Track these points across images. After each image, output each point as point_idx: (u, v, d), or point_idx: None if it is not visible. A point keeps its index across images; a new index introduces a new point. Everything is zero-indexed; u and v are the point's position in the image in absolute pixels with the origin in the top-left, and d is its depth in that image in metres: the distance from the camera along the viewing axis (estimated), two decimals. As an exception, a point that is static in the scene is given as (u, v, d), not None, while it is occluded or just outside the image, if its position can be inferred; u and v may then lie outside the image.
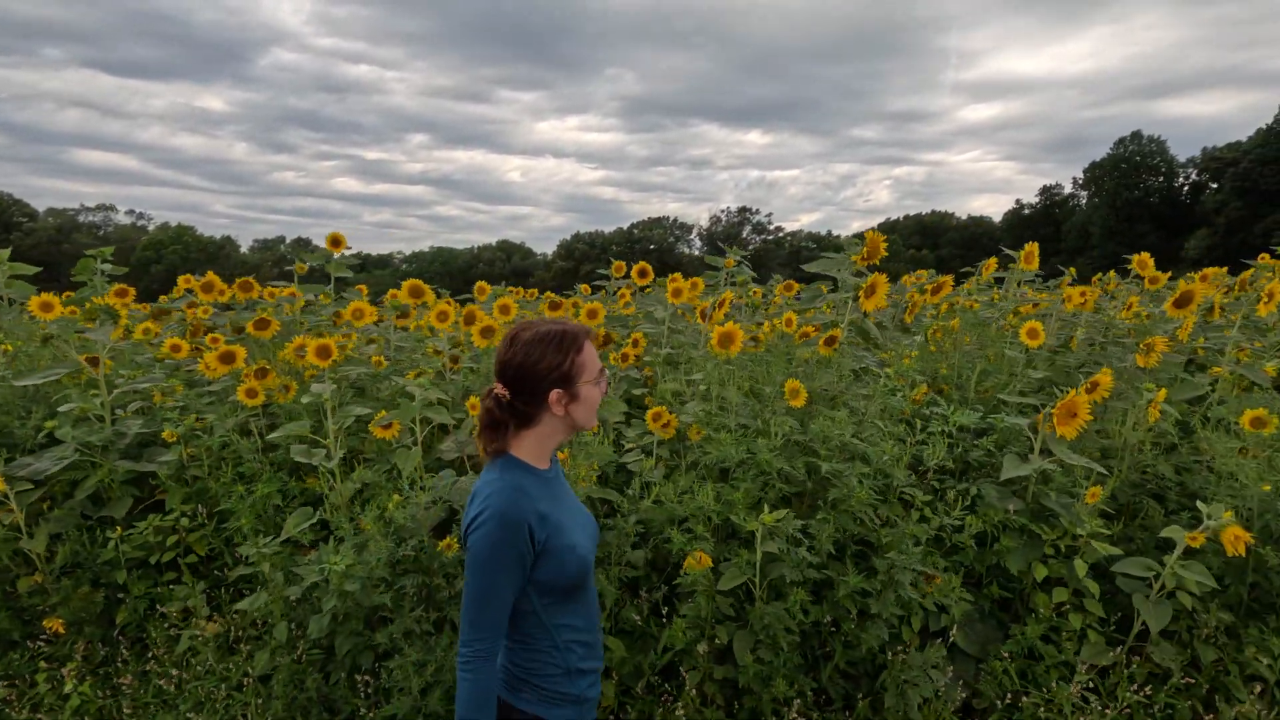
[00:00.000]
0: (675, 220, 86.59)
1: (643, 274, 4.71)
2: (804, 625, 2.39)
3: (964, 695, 2.43)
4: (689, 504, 2.40)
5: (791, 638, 2.29)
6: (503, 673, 1.52)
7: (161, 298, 5.36)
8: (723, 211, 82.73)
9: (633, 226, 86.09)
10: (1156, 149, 64.30)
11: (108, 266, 5.13)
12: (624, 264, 5.15)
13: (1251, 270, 4.33)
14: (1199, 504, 2.31)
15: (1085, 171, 68.99)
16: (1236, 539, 2.18)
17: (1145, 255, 4.38)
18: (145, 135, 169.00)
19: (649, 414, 2.82)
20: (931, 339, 3.74)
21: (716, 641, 2.37)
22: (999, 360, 3.53)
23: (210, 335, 3.87)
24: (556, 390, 1.45)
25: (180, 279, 5.10)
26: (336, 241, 4.71)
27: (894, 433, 2.62)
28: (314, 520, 2.73)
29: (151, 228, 70.86)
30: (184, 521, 2.97)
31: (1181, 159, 63.03)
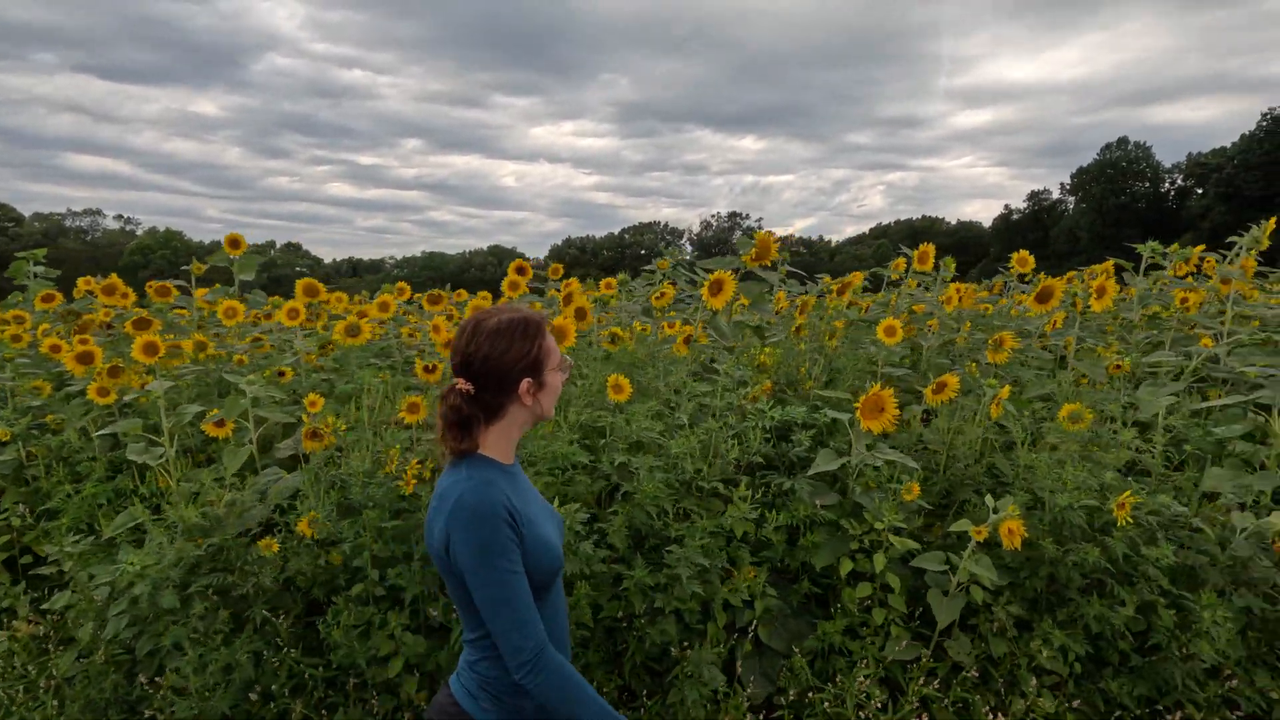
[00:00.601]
0: (666, 225, 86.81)
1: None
2: (605, 621, 2.37)
3: (768, 692, 2.42)
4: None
5: (582, 633, 2.28)
6: (462, 680, 1.45)
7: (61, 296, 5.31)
8: (713, 216, 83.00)
9: (624, 231, 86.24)
10: (1142, 155, 64.76)
11: (40, 269, 5.12)
12: (560, 266, 5.15)
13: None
14: (988, 498, 2.31)
15: (1073, 177, 69.45)
16: (1011, 532, 2.17)
17: (1024, 252, 4.40)
18: (139, 140, 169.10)
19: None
20: (793, 337, 3.74)
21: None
22: (860, 358, 3.54)
23: (80, 336, 3.85)
24: (527, 379, 1.42)
25: (80, 281, 5.07)
26: (235, 243, 4.68)
27: (709, 427, 2.61)
28: (137, 521, 2.70)
29: (140, 232, 70.68)
30: (15, 521, 2.95)
31: (1168, 165, 63.54)
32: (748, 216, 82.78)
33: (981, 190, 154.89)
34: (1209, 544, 2.38)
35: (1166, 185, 63.83)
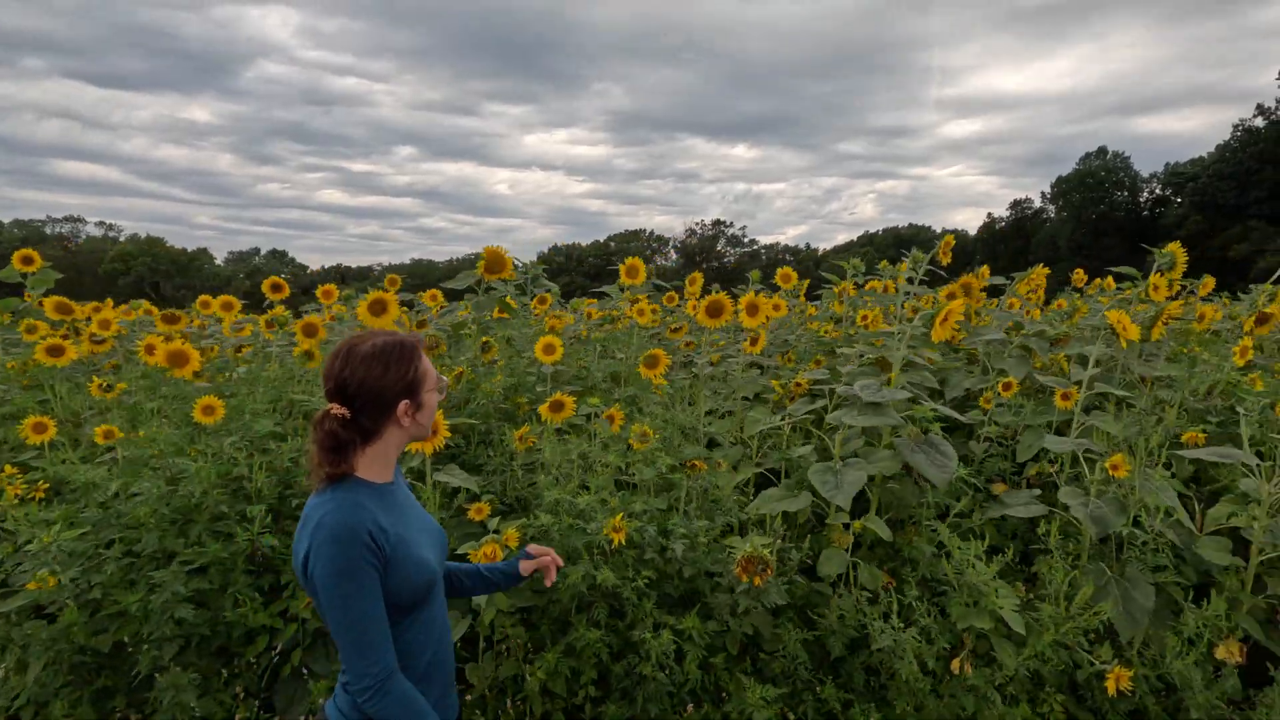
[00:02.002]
0: (652, 233, 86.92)
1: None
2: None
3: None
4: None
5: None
6: (337, 702, 1.43)
7: None
8: (698, 224, 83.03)
9: (610, 239, 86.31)
10: (1121, 164, 65.18)
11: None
12: (333, 287, 5.22)
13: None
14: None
15: (1053, 186, 69.84)
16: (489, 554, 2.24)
17: (788, 270, 4.52)
18: (128, 147, 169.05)
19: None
20: (482, 355, 3.82)
21: None
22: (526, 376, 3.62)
23: None
24: (405, 401, 1.44)
25: None
26: (28, 259, 4.73)
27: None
28: None
29: (123, 239, 70.61)
30: None
31: (1146, 174, 63.94)
32: (732, 225, 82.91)
33: (971, 199, 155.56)
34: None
35: (1145, 195, 64.23)
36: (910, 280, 2.97)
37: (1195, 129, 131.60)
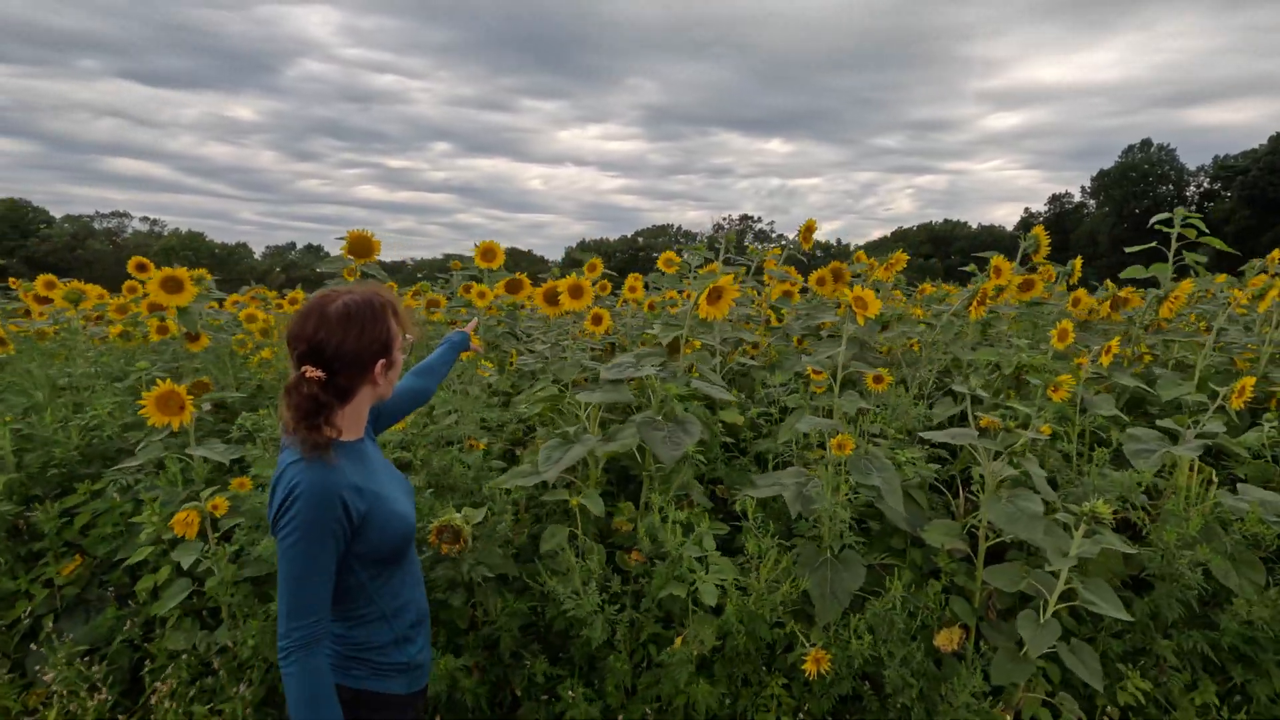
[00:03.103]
0: (679, 228, 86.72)
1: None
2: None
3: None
4: None
5: None
6: (331, 655, 1.41)
7: None
8: (725, 219, 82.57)
9: (637, 234, 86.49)
10: (1166, 157, 62.69)
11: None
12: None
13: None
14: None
15: (1093, 179, 67.61)
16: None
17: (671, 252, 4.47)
18: (175, 144, 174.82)
19: None
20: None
21: None
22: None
23: None
24: (381, 360, 1.42)
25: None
26: None
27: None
28: None
29: (166, 234, 73.20)
30: None
31: (1193, 168, 61.43)
32: (759, 220, 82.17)
33: (1011, 194, 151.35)
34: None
35: (1191, 189, 61.70)
36: (688, 265, 2.90)
37: (1249, 120, 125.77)
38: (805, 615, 2.33)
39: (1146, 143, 63.62)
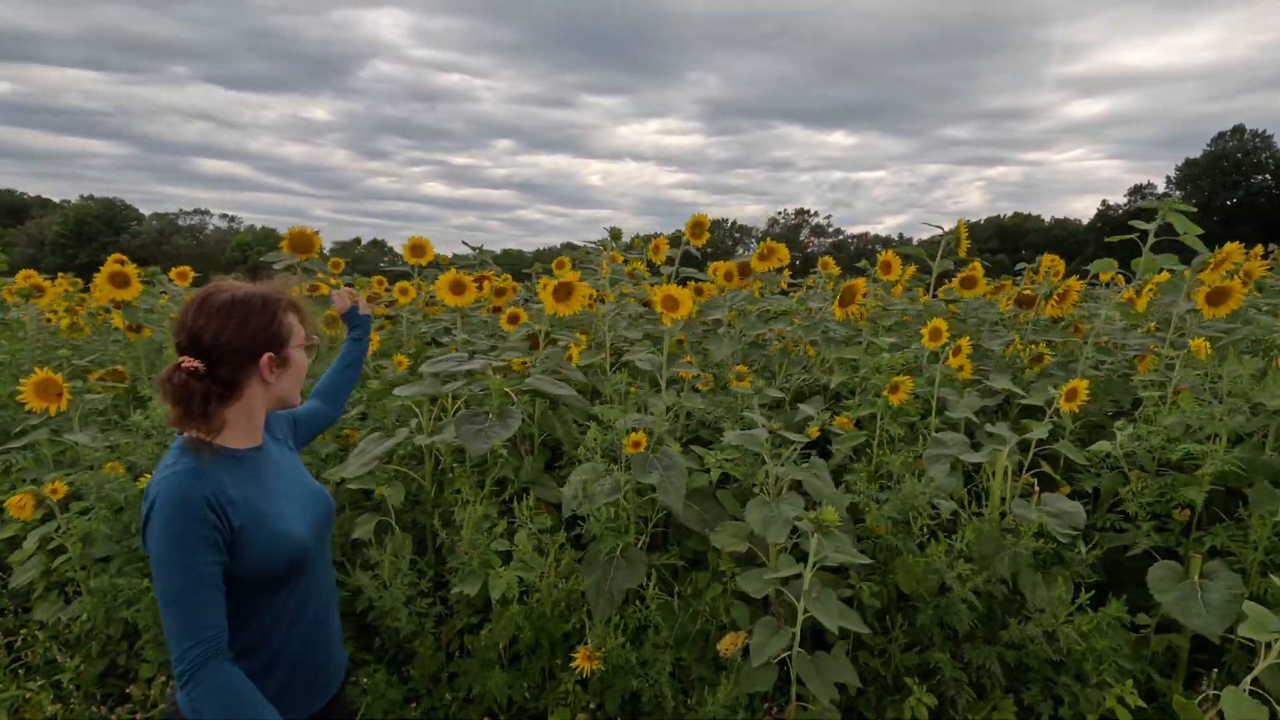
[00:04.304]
0: (734, 223, 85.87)
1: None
2: None
3: None
4: None
5: None
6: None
7: None
8: (779, 213, 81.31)
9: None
10: (1263, 144, 58.10)
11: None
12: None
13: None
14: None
15: (1178, 169, 63.32)
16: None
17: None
18: (256, 144, 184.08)
19: None
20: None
21: None
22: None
23: None
24: (268, 354, 1.34)
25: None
26: None
27: None
28: None
29: (243, 230, 77.35)
30: None
31: (1293, 155, 56.74)
32: (816, 214, 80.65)
33: (1093, 185, 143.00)
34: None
35: (1290, 177, 57.06)
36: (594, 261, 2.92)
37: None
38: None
39: (1239, 129, 59.11)
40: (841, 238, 79.94)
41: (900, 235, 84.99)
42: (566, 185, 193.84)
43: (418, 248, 4.42)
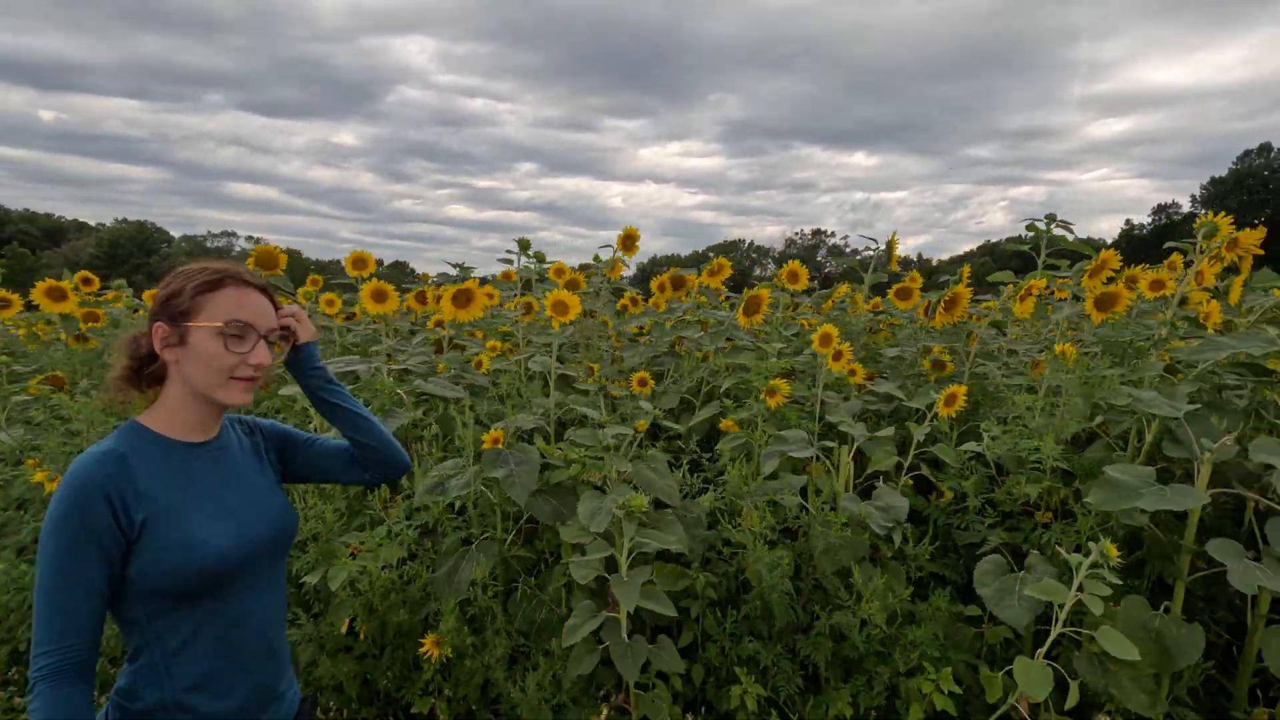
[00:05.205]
0: (751, 243, 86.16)
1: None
2: None
3: None
4: None
5: None
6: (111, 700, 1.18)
7: None
8: (797, 234, 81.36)
9: (708, 249, 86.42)
10: (1290, 162, 57.13)
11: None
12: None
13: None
14: None
15: (1203, 187, 62.37)
16: None
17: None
18: (286, 169, 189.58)
19: None
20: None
21: None
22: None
23: None
24: (160, 324, 1.17)
25: None
26: None
27: None
28: None
29: (269, 252, 79.30)
30: None
31: (1324, 173, 55.64)
32: (833, 234, 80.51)
33: (1118, 205, 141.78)
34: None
35: (1321, 196, 55.93)
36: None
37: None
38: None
39: (1265, 147, 58.16)
40: (859, 257, 79.55)
41: (919, 255, 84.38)
42: (588, 207, 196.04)
43: (359, 261, 4.56)
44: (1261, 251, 2.45)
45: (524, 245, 3.71)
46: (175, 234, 73.42)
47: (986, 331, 3.35)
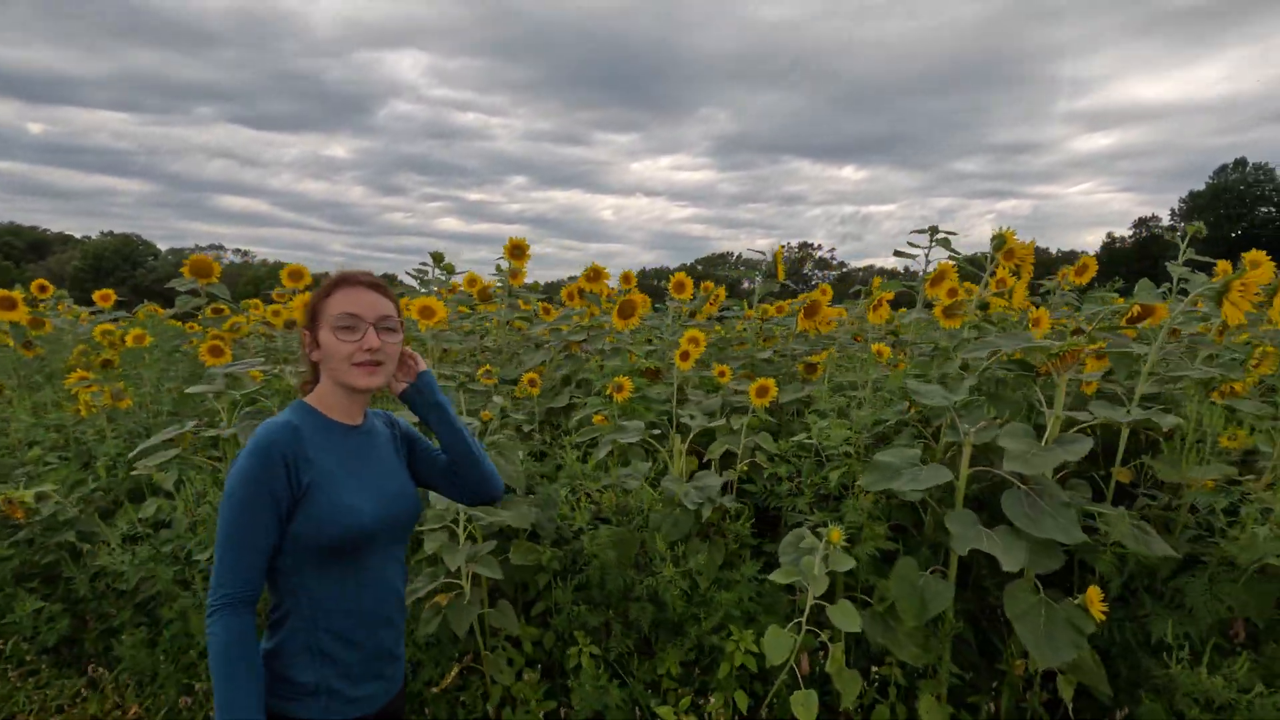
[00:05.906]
0: (739, 255, 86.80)
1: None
2: None
3: None
4: None
5: None
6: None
7: None
8: (784, 247, 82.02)
9: (696, 262, 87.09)
10: (1266, 177, 58.24)
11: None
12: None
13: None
14: None
15: (1183, 201, 63.49)
16: None
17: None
18: (276, 181, 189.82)
19: None
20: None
21: None
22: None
23: None
24: (305, 332, 1.43)
25: None
26: None
27: None
28: None
29: (256, 264, 79.22)
30: None
31: (1299, 186, 56.77)
32: (820, 247, 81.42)
33: (1103, 218, 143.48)
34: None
35: (1296, 209, 57.06)
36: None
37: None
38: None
39: (1241, 162, 59.37)
40: (845, 270, 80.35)
41: (905, 269, 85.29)
42: (579, 220, 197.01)
43: (295, 273, 4.86)
44: (1032, 259, 2.77)
45: (437, 258, 4.02)
46: (162, 247, 73.33)
47: (845, 336, 3.65)
